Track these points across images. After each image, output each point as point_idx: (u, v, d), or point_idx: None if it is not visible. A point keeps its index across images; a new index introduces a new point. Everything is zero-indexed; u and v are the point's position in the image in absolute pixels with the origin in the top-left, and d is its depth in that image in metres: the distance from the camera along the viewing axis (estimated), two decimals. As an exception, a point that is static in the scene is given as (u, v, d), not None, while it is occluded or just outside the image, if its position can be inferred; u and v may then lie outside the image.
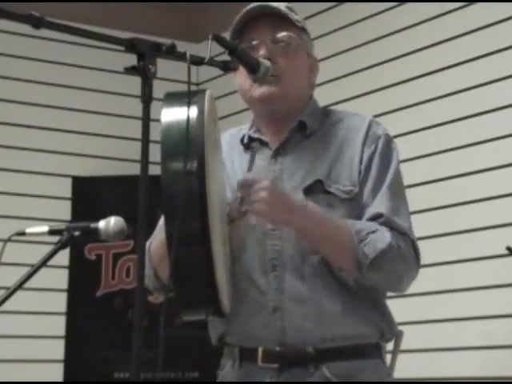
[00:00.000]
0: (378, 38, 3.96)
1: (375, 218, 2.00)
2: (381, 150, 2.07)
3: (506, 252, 2.82)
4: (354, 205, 2.03)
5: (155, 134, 1.67)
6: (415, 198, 2.15)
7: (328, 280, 1.99)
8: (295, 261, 2.00)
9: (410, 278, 2.05)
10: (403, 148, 2.16)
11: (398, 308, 2.14)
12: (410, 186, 2.16)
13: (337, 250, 1.97)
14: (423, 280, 2.09)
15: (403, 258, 1.99)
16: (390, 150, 2.09)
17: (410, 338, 2.24)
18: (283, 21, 2.07)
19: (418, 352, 3.50)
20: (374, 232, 1.96)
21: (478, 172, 3.49)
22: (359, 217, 2.02)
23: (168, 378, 4.13)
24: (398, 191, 2.06)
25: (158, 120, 1.75)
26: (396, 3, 3.90)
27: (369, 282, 1.99)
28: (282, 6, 2.08)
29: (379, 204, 2.02)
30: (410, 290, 2.12)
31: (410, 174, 2.17)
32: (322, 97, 2.24)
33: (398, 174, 2.08)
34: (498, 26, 3.49)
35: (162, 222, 1.95)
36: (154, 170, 1.66)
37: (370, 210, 2.02)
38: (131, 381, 1.48)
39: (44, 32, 1.50)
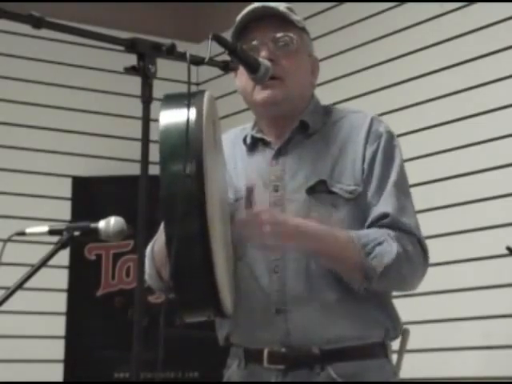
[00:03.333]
0: (378, 38, 3.96)
1: (381, 218, 2.00)
2: (383, 147, 2.07)
3: (506, 252, 2.82)
4: (358, 204, 2.03)
5: (155, 134, 1.67)
6: (415, 198, 2.14)
7: (331, 281, 1.99)
8: (298, 262, 2.00)
9: (419, 277, 2.06)
10: (403, 148, 2.16)
11: (398, 308, 2.14)
12: (410, 186, 2.15)
13: (345, 265, 1.97)
14: (424, 280, 2.08)
15: (411, 262, 1.99)
16: (393, 147, 2.09)
17: (411, 337, 2.23)
18: (284, 21, 2.07)
19: (419, 352, 3.49)
20: (380, 244, 1.95)
21: (477, 172, 3.49)
22: (363, 216, 2.02)
23: (168, 378, 4.13)
24: (403, 189, 2.06)
25: (158, 120, 1.75)
26: (396, 3, 3.90)
27: (378, 289, 2.00)
28: (282, 6, 2.08)
29: (385, 203, 2.01)
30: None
31: (409, 174, 2.16)
32: (322, 97, 2.24)
33: (401, 170, 2.08)
34: (498, 25, 3.49)
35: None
36: (154, 170, 1.65)
37: (376, 210, 2.01)
38: (131, 381, 1.48)
39: (44, 32, 1.50)
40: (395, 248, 1.96)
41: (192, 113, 1.73)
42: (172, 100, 1.79)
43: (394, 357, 2.16)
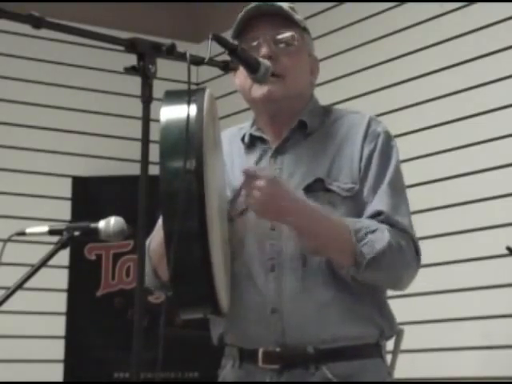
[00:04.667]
0: (378, 38, 3.96)
1: (375, 215, 2.00)
2: (380, 147, 2.07)
3: (506, 252, 2.82)
4: (355, 202, 2.03)
5: (155, 133, 1.67)
6: (415, 198, 2.14)
7: (327, 280, 1.99)
8: (294, 261, 2.00)
9: (410, 275, 2.05)
10: (403, 148, 2.16)
11: (398, 308, 2.14)
12: (410, 186, 2.15)
13: (335, 247, 1.96)
14: (423, 280, 2.09)
15: (403, 256, 1.98)
16: (390, 147, 2.09)
17: (410, 337, 2.24)
18: (285, 20, 2.07)
19: (418, 352, 3.50)
20: (373, 232, 1.95)
21: (478, 172, 3.49)
22: (360, 214, 2.02)
23: (168, 378, 4.13)
24: (398, 188, 2.06)
25: (158, 120, 1.75)
26: (396, 3, 3.90)
27: (366, 279, 1.99)
28: (283, 5, 2.08)
29: (379, 201, 2.01)
30: (410, 290, 2.12)
31: (410, 173, 2.17)
32: (322, 97, 2.24)
33: (397, 170, 2.08)
34: (498, 25, 3.49)
35: (161, 220, 1.95)
36: (154, 170, 1.65)
37: (370, 208, 2.02)
38: (131, 381, 1.48)
39: (44, 32, 1.50)
40: (387, 237, 1.95)
41: (193, 109, 1.73)
42: (173, 97, 1.79)
43: (389, 357, 2.16)
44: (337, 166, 2.05)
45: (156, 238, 1.98)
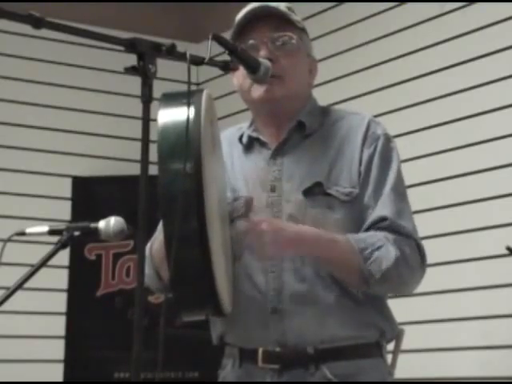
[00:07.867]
0: (378, 38, 3.96)
1: (379, 221, 2.00)
2: (380, 150, 2.06)
3: (506, 252, 2.82)
4: (354, 206, 2.02)
5: (155, 133, 1.67)
6: (415, 198, 2.14)
7: (327, 281, 1.99)
8: (295, 261, 2.00)
9: (417, 281, 2.06)
10: (403, 148, 2.15)
11: (398, 308, 2.14)
12: (410, 186, 2.15)
13: (343, 270, 1.97)
14: (423, 280, 2.08)
15: (409, 265, 1.99)
16: (390, 149, 2.09)
17: (410, 337, 2.23)
18: (283, 21, 2.07)
19: (418, 352, 3.50)
20: (378, 249, 1.95)
21: (478, 172, 3.49)
22: (359, 218, 2.02)
23: (168, 378, 4.13)
24: (400, 192, 2.06)
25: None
26: (396, 3, 3.90)
27: (376, 292, 2.01)
28: (282, 6, 2.08)
29: (383, 207, 2.01)
30: (411, 290, 2.13)
31: (410, 174, 2.16)
32: (322, 97, 2.24)
33: (399, 174, 2.07)
34: (498, 26, 3.49)
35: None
36: (154, 170, 1.65)
37: (374, 214, 2.01)
38: (131, 381, 1.48)
39: (44, 32, 1.50)
40: (393, 253, 1.96)
41: (190, 112, 1.73)
42: (170, 99, 1.78)
43: (390, 356, 2.16)
44: (336, 169, 2.04)
45: (158, 239, 1.98)
